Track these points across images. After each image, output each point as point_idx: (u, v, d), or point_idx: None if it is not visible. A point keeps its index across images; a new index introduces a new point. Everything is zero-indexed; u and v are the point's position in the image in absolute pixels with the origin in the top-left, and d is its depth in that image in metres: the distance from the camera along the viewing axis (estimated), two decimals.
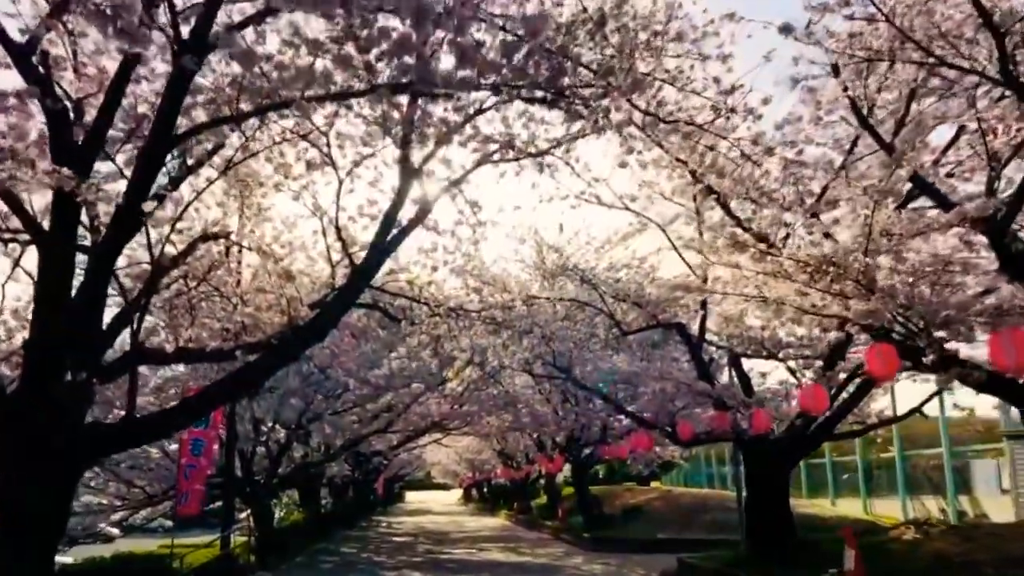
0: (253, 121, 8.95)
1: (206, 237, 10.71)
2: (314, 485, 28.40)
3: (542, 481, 44.30)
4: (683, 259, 13.85)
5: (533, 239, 16.88)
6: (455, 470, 67.95)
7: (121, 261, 11.66)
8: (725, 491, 34.58)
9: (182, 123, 7.55)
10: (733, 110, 7.34)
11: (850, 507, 27.23)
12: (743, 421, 11.96)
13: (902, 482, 25.61)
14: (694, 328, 14.60)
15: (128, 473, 17.87)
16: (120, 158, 8.86)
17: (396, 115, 9.07)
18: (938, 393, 13.32)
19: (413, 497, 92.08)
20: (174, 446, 20.37)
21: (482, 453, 49.70)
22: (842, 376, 11.19)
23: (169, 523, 37.44)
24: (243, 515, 28.90)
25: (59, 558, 19.88)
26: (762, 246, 6.89)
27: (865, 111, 7.73)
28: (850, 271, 6.23)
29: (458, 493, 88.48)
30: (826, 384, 10.30)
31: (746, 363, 14.71)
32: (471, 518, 47.48)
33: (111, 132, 8.60)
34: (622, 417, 22.66)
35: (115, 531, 37.25)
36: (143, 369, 15.63)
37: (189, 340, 10.50)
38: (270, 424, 21.02)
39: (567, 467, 33.13)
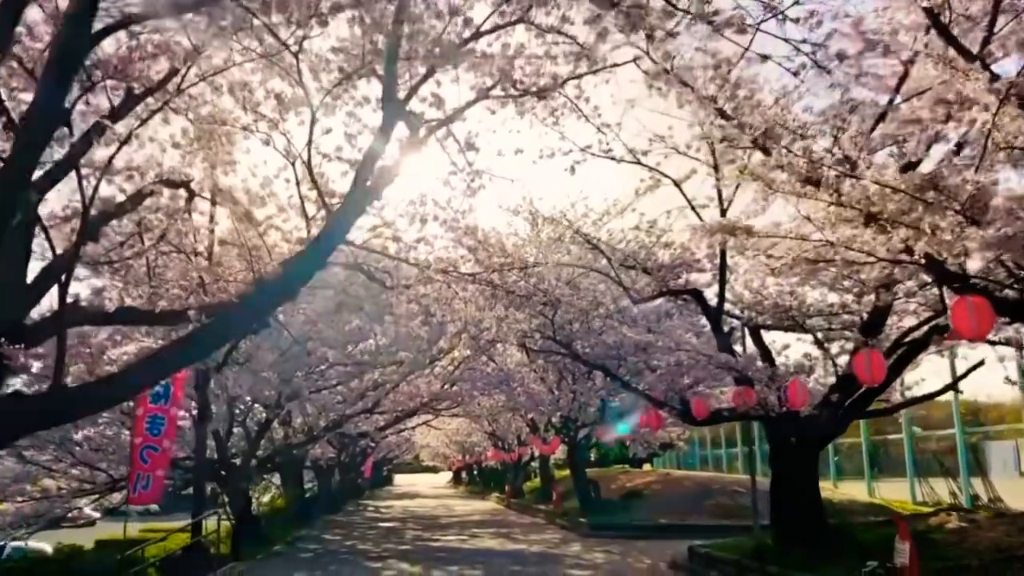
0: (211, 42, 7.56)
1: (161, 183, 9.31)
2: (297, 468, 27.05)
3: (534, 463, 43.29)
4: (699, 217, 12.54)
5: (528, 210, 15.50)
6: (445, 452, 67.00)
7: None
8: (727, 474, 33.44)
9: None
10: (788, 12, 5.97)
11: (854, 489, 26.06)
12: (771, 396, 10.66)
13: (910, 464, 24.58)
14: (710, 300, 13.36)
15: (91, 456, 16.45)
16: None
17: (380, 38, 7.71)
18: (978, 366, 12.04)
19: (402, 480, 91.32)
20: None
21: (472, 435, 48.61)
22: (885, 344, 9.91)
23: (155, 506, 35.79)
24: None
25: (33, 544, 18.64)
26: (843, 169, 5.52)
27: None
28: (960, 194, 4.92)
29: (447, 476, 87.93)
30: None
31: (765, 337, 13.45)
32: (461, 501, 46.34)
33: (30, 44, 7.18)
34: (624, 395, 21.38)
35: (95, 514, 35.84)
36: (104, 339, 14.21)
37: (139, 298, 9.13)
38: (249, 403, 19.66)
39: (560, 449, 32.01)
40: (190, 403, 17.80)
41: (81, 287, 9.93)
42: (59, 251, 8.27)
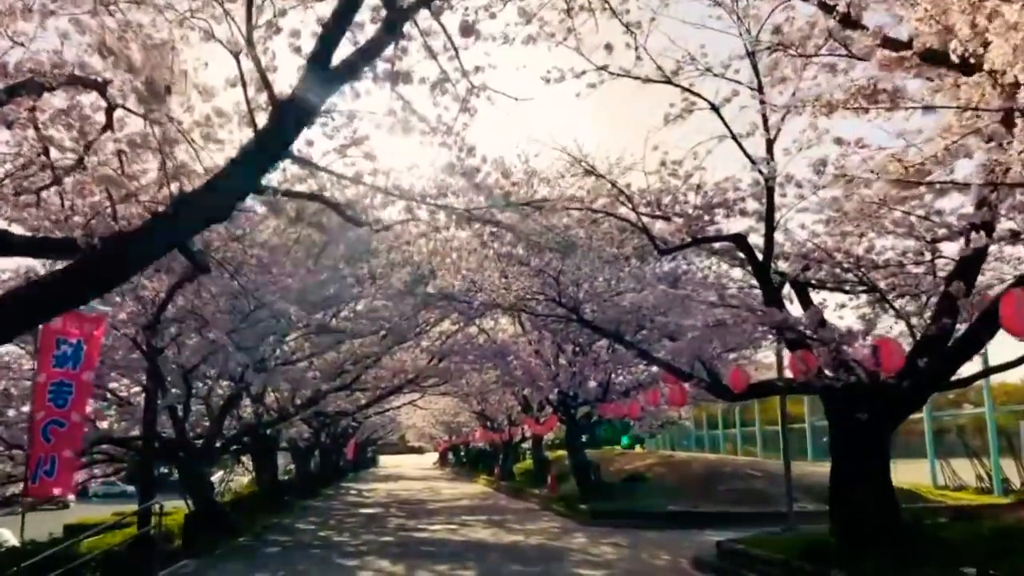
0: None
1: (63, 79, 7.08)
2: (270, 450, 24.87)
3: (524, 445, 41.44)
4: (743, 149, 10.41)
5: (523, 169, 13.33)
6: (431, 433, 65.15)
7: None
8: (728, 455, 31.56)
9: None
10: None
11: None
12: (840, 362, 8.59)
13: (930, 444, 22.79)
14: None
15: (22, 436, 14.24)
16: None
17: None
18: None
19: (387, 461, 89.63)
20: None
21: (460, 415, 46.70)
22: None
23: (131, 487, 33.73)
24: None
25: None
26: None
27: None
28: None
29: (433, 457, 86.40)
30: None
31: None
32: (448, 484, 44.40)
33: None
34: (635, 367, 19.37)
35: (71, 497, 33.80)
36: None
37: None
38: (212, 375, 17.45)
39: (554, 429, 30.02)
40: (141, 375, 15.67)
41: None
42: None
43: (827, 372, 8.86)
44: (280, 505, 23.87)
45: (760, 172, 10.27)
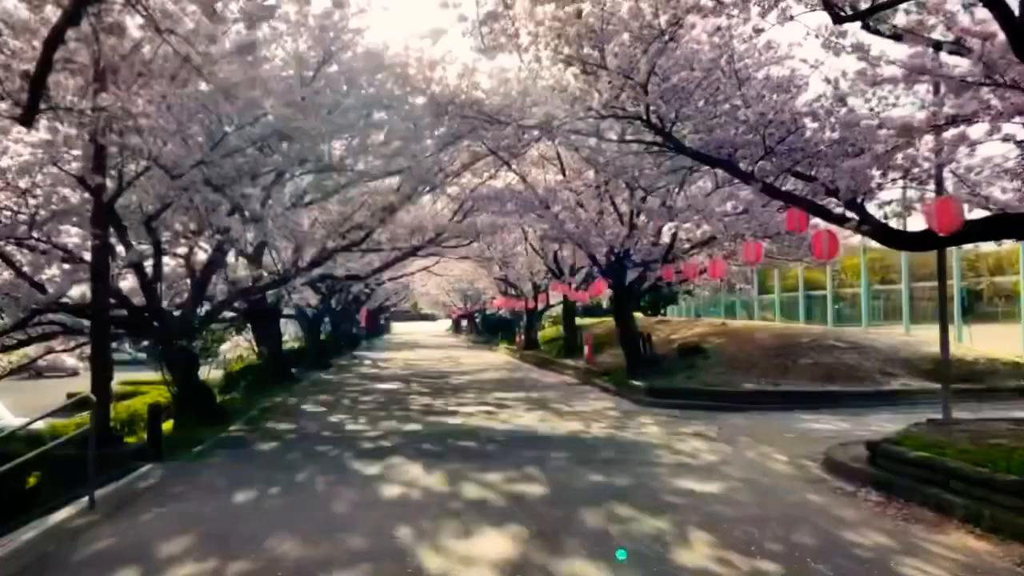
0: None
1: None
2: (271, 318, 21.74)
3: (548, 312, 38.77)
4: None
5: None
6: (444, 300, 62.67)
7: None
8: (813, 324, 27.83)
9: None
10: None
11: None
12: None
13: None
14: None
15: None
16: None
17: None
18: None
19: (399, 328, 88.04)
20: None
21: (478, 282, 43.73)
22: None
23: (142, 354, 31.43)
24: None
25: None
26: None
27: None
28: None
29: (446, 324, 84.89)
30: None
31: None
32: (467, 352, 41.88)
33: None
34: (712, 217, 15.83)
35: (79, 364, 31.40)
36: None
37: None
38: (190, 226, 13.98)
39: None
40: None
41: None
42: None
43: None
44: (284, 381, 20.97)
45: None
